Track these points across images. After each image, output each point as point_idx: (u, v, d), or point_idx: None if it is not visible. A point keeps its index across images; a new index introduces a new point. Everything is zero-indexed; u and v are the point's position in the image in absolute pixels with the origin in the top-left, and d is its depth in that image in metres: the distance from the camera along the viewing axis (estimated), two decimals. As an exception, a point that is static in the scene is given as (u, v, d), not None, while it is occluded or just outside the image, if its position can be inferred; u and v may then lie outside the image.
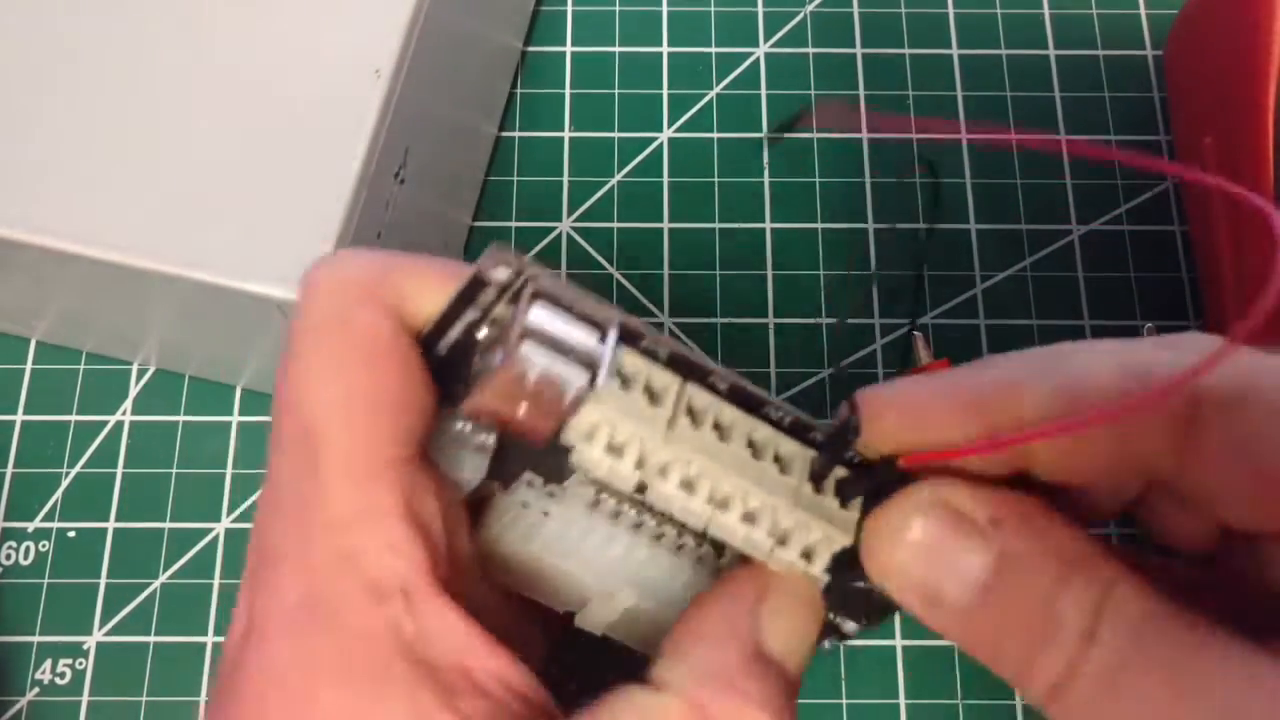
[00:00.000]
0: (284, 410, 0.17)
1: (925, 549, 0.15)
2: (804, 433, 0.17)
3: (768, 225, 0.38)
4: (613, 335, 0.17)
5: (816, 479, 0.17)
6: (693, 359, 0.17)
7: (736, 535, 0.17)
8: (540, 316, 0.16)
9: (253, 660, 0.16)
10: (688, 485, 0.17)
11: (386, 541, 0.16)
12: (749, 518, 0.17)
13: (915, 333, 0.34)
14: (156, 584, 0.34)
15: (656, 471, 0.17)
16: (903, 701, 0.32)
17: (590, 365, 0.16)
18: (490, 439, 0.18)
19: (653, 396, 0.17)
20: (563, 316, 0.16)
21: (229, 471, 0.35)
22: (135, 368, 0.36)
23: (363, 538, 0.16)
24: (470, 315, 0.17)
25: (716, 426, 0.17)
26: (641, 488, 0.17)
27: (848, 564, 0.17)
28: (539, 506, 0.18)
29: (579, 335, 0.16)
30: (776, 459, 0.17)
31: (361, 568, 0.16)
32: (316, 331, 0.17)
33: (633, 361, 0.17)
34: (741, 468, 0.17)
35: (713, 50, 0.40)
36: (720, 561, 0.19)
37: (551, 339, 0.16)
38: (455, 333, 0.17)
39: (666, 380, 0.17)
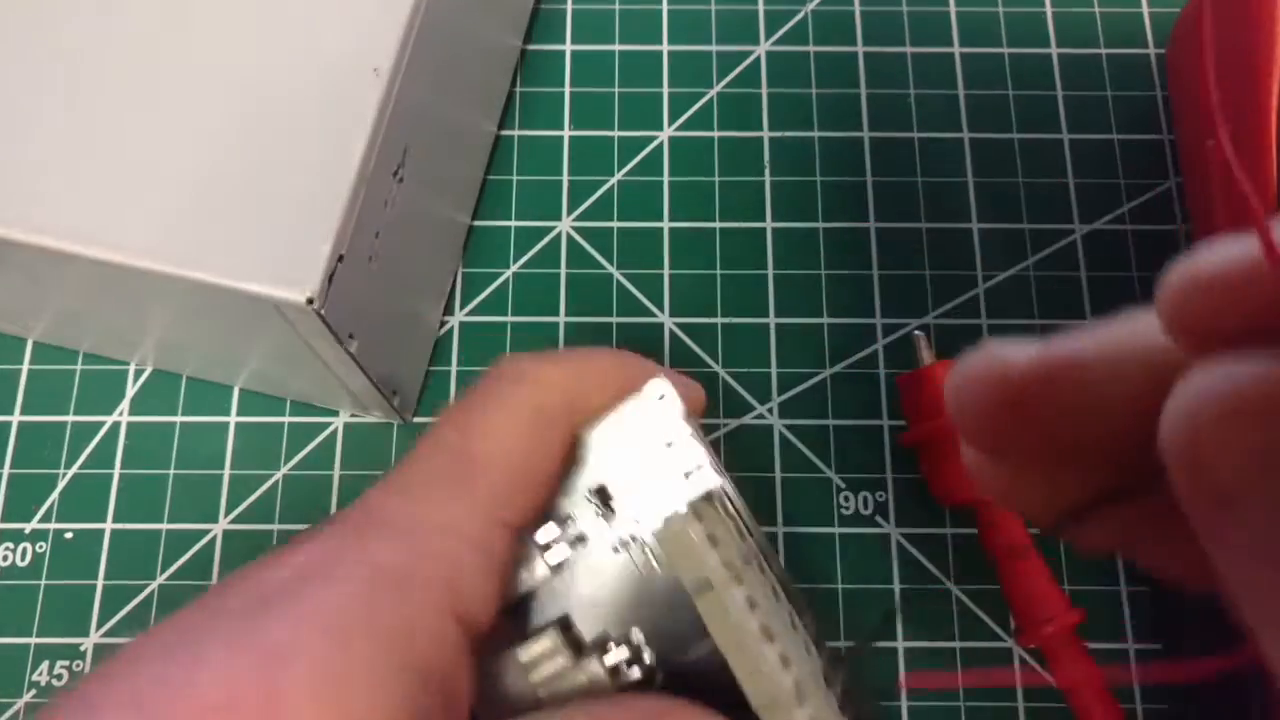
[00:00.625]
0: (453, 425, 0.20)
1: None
2: (820, 647, 0.20)
3: (768, 225, 0.37)
4: (726, 481, 0.21)
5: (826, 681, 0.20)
6: (759, 540, 0.21)
7: (768, 670, 0.19)
8: (693, 428, 0.20)
9: (302, 593, 0.17)
10: (752, 604, 0.19)
11: (488, 559, 0.18)
12: (785, 661, 0.19)
13: (917, 332, 0.34)
14: (154, 585, 0.34)
15: (734, 577, 0.19)
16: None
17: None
18: (562, 551, 0.21)
19: (739, 534, 0.20)
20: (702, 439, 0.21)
21: (226, 472, 0.35)
22: (132, 368, 0.36)
23: (475, 534, 0.18)
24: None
25: (773, 590, 0.20)
26: (707, 585, 0.20)
27: None
28: (558, 654, 0.20)
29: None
30: (806, 643, 0.20)
31: (454, 561, 0.18)
32: (512, 387, 0.20)
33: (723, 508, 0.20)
34: (787, 626, 0.20)
35: (713, 49, 0.40)
36: None
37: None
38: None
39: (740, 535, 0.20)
